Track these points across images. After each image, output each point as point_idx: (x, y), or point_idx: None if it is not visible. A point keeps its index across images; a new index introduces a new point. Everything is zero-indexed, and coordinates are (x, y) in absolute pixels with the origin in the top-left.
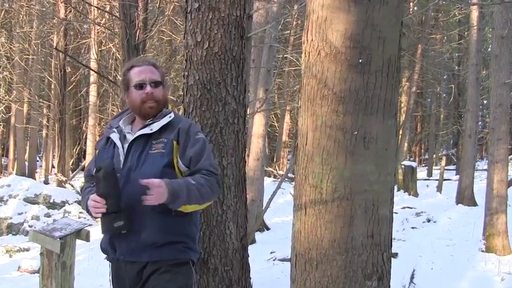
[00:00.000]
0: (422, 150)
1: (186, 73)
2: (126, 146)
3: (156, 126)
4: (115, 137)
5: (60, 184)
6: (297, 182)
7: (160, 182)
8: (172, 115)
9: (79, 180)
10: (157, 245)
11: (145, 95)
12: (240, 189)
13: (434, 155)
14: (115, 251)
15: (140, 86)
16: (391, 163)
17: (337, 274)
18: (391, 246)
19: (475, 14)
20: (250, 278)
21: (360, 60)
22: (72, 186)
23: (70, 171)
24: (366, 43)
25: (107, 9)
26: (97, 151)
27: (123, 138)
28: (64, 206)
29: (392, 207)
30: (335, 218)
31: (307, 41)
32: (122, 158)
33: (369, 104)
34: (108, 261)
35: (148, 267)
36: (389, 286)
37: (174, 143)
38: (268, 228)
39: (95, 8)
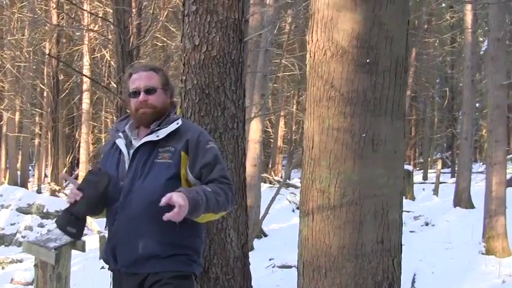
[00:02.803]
0: (417, 154)
1: (184, 77)
2: (131, 152)
3: (162, 133)
4: (121, 142)
5: (54, 193)
6: (304, 187)
7: (183, 198)
8: (180, 121)
9: None
10: (161, 257)
11: (138, 103)
12: (240, 196)
13: (429, 159)
14: (116, 262)
15: (134, 94)
16: (400, 166)
17: (346, 282)
18: (401, 252)
19: (469, 16)
20: (252, 287)
21: (368, 60)
22: (65, 195)
23: (63, 180)
24: (373, 42)
25: (100, 15)
26: (101, 156)
27: (129, 143)
28: (58, 215)
29: (402, 212)
30: (344, 223)
31: (312, 41)
32: (127, 166)
33: (377, 105)
34: (110, 271)
35: (150, 278)
36: None
37: (182, 153)
38: (266, 235)
39: (88, 14)
